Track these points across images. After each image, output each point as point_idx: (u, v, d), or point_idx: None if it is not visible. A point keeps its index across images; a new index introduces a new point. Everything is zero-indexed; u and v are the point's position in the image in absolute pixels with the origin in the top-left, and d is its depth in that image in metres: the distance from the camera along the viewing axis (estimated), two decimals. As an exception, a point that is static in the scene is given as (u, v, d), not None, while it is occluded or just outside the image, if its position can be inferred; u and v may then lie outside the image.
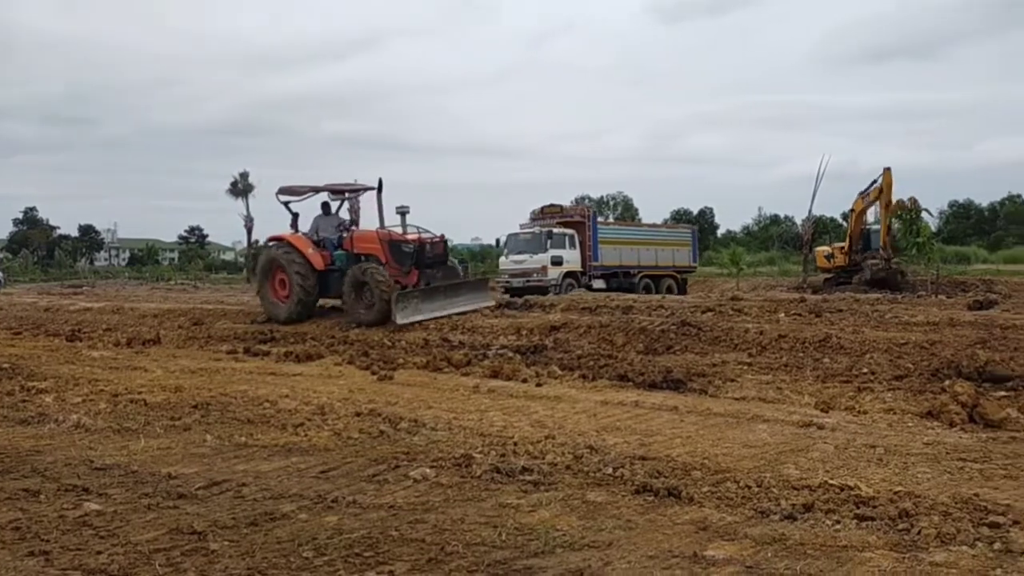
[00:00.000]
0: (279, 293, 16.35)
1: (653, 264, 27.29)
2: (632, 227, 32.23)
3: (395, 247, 15.99)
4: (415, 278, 15.90)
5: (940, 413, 6.35)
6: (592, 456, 5.32)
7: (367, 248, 16.16)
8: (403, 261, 15.85)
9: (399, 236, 16.32)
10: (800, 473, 4.87)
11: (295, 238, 16.80)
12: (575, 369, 9.15)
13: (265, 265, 16.81)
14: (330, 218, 17.33)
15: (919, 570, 3.35)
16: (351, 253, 16.18)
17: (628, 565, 3.48)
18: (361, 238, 16.45)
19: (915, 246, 28.99)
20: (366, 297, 14.92)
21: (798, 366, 8.83)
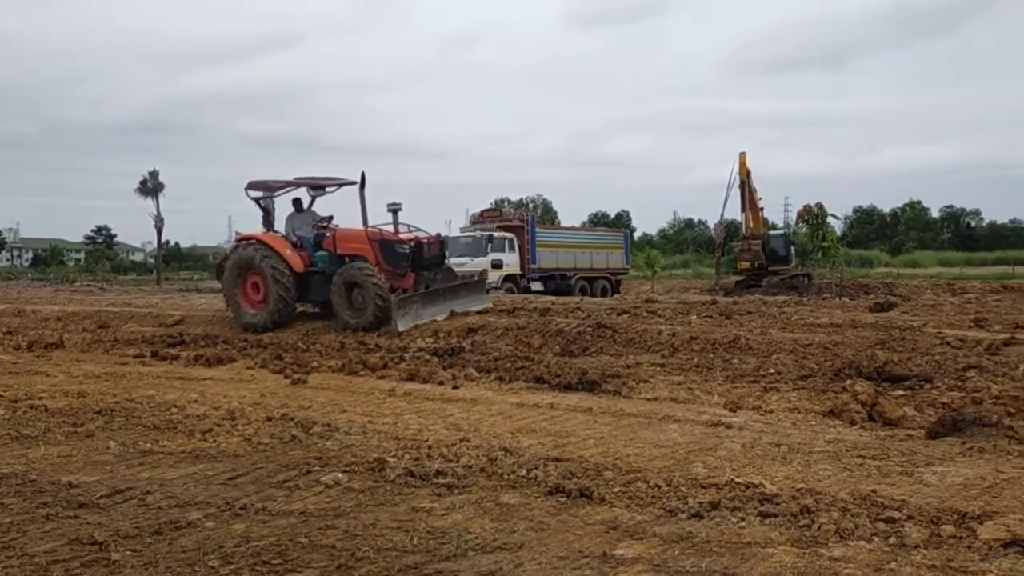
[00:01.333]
0: (251, 298, 15.00)
1: (588, 267, 28.27)
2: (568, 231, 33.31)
3: (387, 247, 14.79)
4: (411, 281, 14.79)
5: (841, 412, 6.58)
6: (506, 458, 5.34)
7: (354, 248, 14.87)
8: (397, 263, 14.67)
9: (392, 235, 15.12)
10: (708, 472, 4.99)
11: (271, 237, 15.45)
12: (492, 371, 9.17)
13: (235, 268, 15.27)
14: (304, 215, 16.01)
15: (818, 565, 3.47)
16: (334, 254, 14.95)
17: (539, 566, 3.51)
18: (347, 237, 15.14)
19: (821, 250, 30.06)
20: (357, 301, 13.94)
21: (708, 367, 9.04)
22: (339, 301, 14.01)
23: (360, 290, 13.88)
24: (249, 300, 15.06)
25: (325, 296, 14.83)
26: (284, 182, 15.86)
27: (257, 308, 14.87)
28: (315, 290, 15.05)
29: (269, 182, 15.90)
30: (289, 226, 15.81)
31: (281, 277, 14.60)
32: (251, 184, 15.88)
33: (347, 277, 14.07)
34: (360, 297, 13.88)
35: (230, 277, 15.34)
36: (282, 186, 15.87)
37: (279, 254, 14.96)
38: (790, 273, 28.53)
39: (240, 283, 15.15)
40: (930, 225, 74.71)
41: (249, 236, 15.81)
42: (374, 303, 13.61)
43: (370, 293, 13.69)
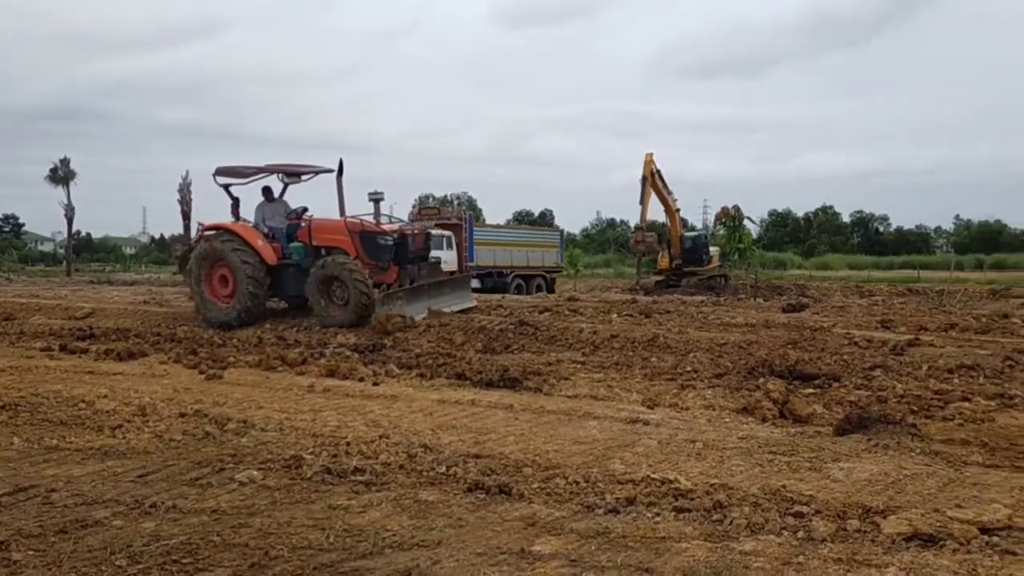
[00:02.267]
0: (219, 292, 14.20)
1: (525, 264, 28.69)
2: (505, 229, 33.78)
3: (369, 239, 14.06)
4: (394, 275, 14.20)
5: (754, 409, 6.75)
6: (426, 455, 5.32)
7: (331, 240, 14.15)
8: (379, 255, 13.98)
9: (373, 227, 14.47)
10: (625, 468, 5.06)
11: (242, 227, 14.53)
12: (413, 368, 9.12)
13: (201, 259, 14.36)
14: (276, 204, 15.19)
15: (729, 559, 3.55)
16: (309, 246, 14.21)
17: (456, 563, 3.51)
18: (324, 228, 14.38)
19: (738, 251, 30.83)
20: (337, 296, 13.26)
21: (628, 365, 9.16)
22: (317, 296, 13.35)
23: (340, 285, 13.22)
24: (216, 294, 14.23)
25: (298, 291, 14.11)
26: (257, 168, 14.95)
27: (225, 303, 14.07)
28: (288, 284, 14.34)
29: (240, 168, 14.98)
30: (259, 216, 14.98)
31: (252, 270, 13.83)
32: (220, 170, 14.90)
33: (327, 271, 13.34)
34: (340, 292, 13.22)
35: (195, 270, 14.45)
36: (254, 173, 14.93)
37: (250, 245, 14.11)
38: (708, 274, 29.17)
39: (206, 276, 14.34)
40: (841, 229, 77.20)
41: (217, 225, 14.85)
42: (356, 299, 12.95)
43: (352, 288, 13.02)
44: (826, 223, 77.33)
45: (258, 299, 13.97)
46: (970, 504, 4.26)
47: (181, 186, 36.11)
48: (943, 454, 5.42)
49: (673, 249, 30.02)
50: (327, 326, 12.74)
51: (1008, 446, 5.55)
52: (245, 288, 13.78)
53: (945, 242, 73.34)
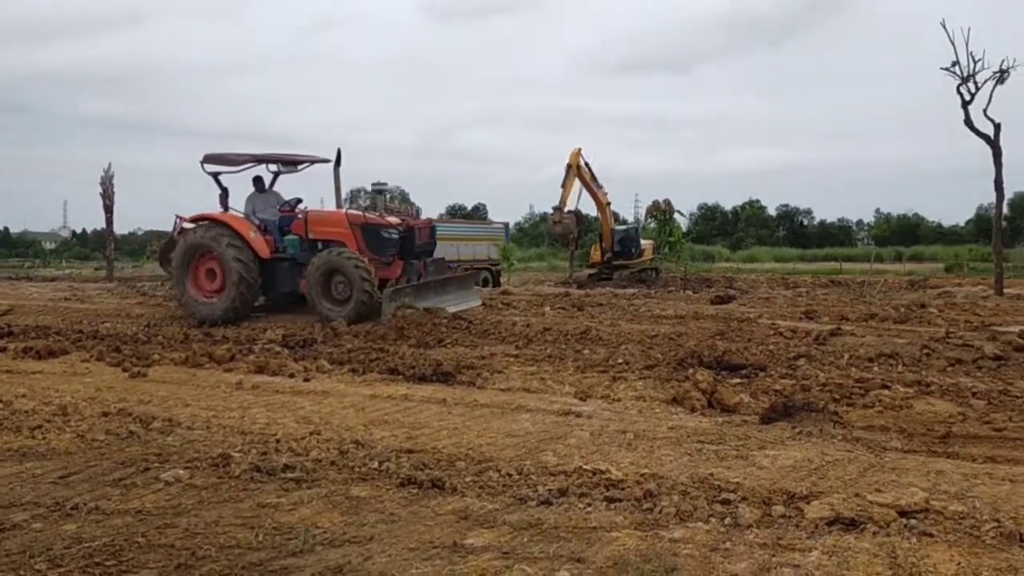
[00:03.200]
0: (206, 287, 13.51)
1: (471, 258, 28.76)
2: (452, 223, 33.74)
3: (372, 232, 13.34)
4: (398, 271, 13.42)
5: (683, 399, 6.86)
6: (358, 451, 5.27)
7: (330, 232, 13.45)
8: (382, 249, 13.25)
9: (377, 219, 13.73)
10: (558, 460, 5.09)
11: (233, 218, 13.76)
12: (345, 363, 9.02)
13: (187, 252, 13.62)
14: (267, 195, 14.49)
15: (659, 547, 3.60)
16: (305, 239, 13.52)
17: (388, 559, 3.49)
18: (322, 220, 13.69)
19: (668, 245, 31.26)
20: (338, 291, 12.64)
21: (561, 357, 9.22)
22: (316, 291, 12.71)
23: (342, 278, 12.62)
24: (202, 289, 13.55)
25: (292, 287, 13.57)
26: (250, 156, 14.16)
27: (213, 298, 13.40)
28: (281, 280, 13.66)
29: (231, 156, 14.15)
30: (248, 207, 14.28)
31: (244, 264, 13.12)
32: (209, 157, 14.02)
33: (329, 264, 12.70)
34: (342, 287, 12.63)
35: (180, 263, 13.68)
36: (246, 161, 14.14)
37: (243, 238, 13.36)
38: (639, 267, 29.53)
39: (192, 270, 13.63)
40: (767, 223, 78.92)
41: (205, 216, 13.99)
42: (360, 294, 12.39)
43: (356, 282, 12.45)
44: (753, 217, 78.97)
45: (249, 294, 13.32)
46: (889, 488, 4.40)
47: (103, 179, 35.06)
48: (864, 440, 5.59)
49: (605, 243, 30.31)
50: (327, 322, 12.13)
51: (925, 431, 5.76)
52: (236, 283, 13.07)
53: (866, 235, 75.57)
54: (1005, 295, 18.07)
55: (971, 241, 52.41)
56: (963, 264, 36.76)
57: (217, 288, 13.40)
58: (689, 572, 3.31)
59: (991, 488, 4.47)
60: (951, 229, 64.99)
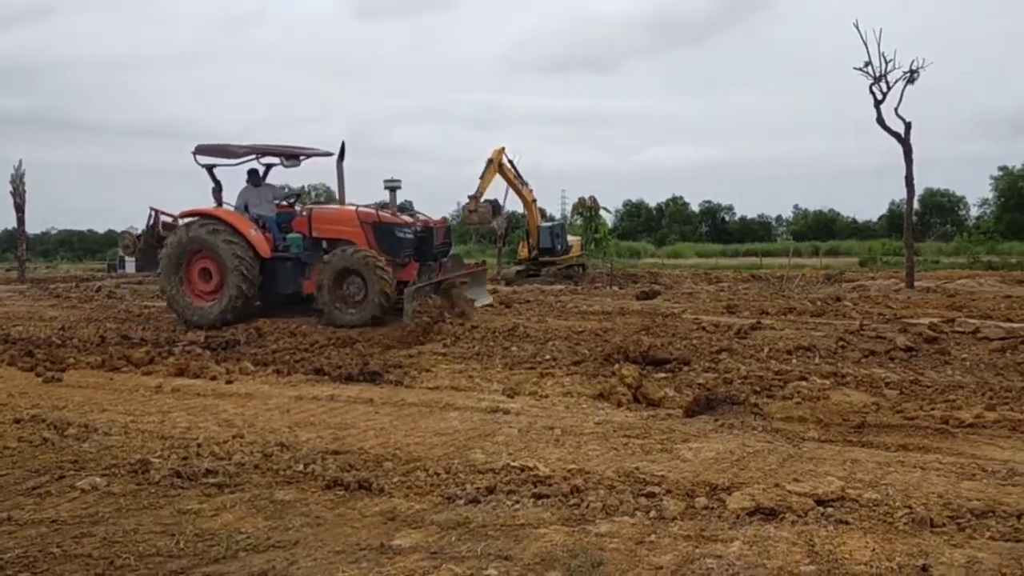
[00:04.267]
0: (200, 288, 12.61)
1: None
2: None
3: (385, 231, 12.48)
4: (414, 272, 12.45)
5: (610, 395, 6.94)
6: (283, 453, 5.19)
7: (338, 231, 12.57)
8: (397, 250, 12.40)
9: (391, 218, 12.86)
10: (486, 457, 5.10)
11: (230, 214, 12.80)
12: (269, 364, 8.87)
13: (180, 250, 12.66)
14: (262, 190, 13.52)
15: (586, 541, 3.64)
16: (308, 237, 12.67)
17: (314, 562, 3.44)
18: (329, 217, 12.80)
19: (594, 241, 31.58)
20: (351, 293, 11.83)
21: (488, 355, 9.23)
22: (327, 293, 11.88)
23: (357, 279, 11.83)
24: (196, 291, 12.63)
25: (293, 288, 12.75)
26: (249, 148, 13.17)
27: (208, 300, 12.50)
28: (282, 280, 12.73)
29: (228, 147, 13.15)
30: (241, 202, 13.33)
31: (245, 263, 12.21)
32: (202, 148, 13.06)
33: (343, 263, 11.87)
34: (356, 288, 11.84)
35: (171, 262, 12.69)
36: (245, 153, 13.14)
37: (242, 235, 12.43)
38: (566, 263, 29.73)
39: (184, 270, 12.67)
40: (690, 219, 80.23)
41: (199, 212, 13.00)
42: (378, 296, 11.61)
43: (373, 284, 11.65)
44: (676, 213, 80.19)
45: (248, 295, 12.39)
46: (807, 478, 4.54)
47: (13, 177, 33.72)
48: (783, 431, 5.74)
49: (532, 239, 30.44)
50: (339, 326, 11.44)
51: (841, 421, 5.94)
52: (235, 284, 12.19)
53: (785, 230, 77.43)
54: (916, 288, 18.75)
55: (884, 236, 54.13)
56: (877, 258, 37.98)
57: (213, 289, 12.53)
58: (615, 566, 3.35)
59: (903, 475, 4.64)
60: (865, 224, 67.02)
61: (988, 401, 6.53)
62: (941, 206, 62.85)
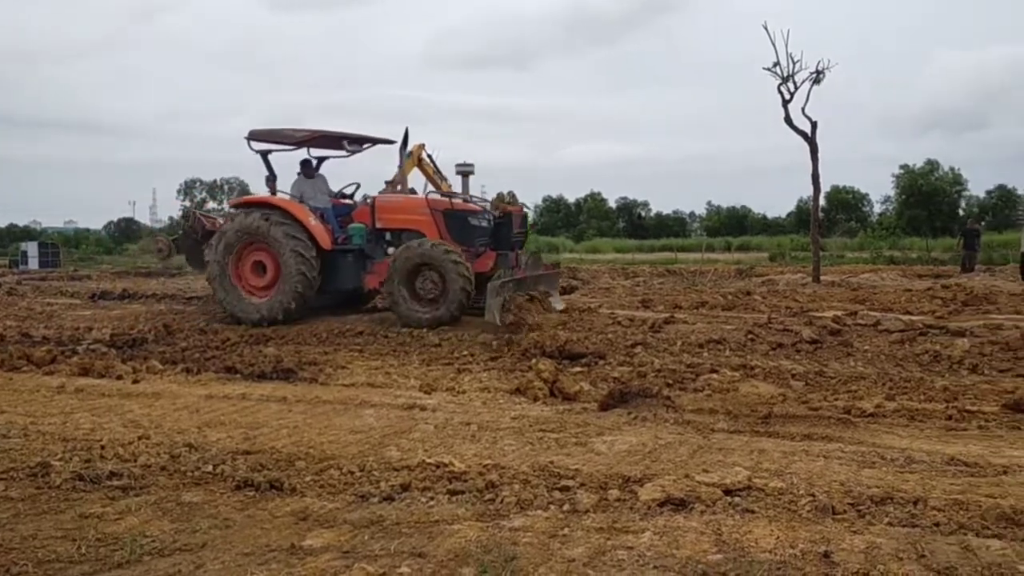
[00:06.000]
0: (252, 283, 11.83)
1: None
2: None
3: (457, 219, 11.62)
4: (490, 263, 11.62)
5: (526, 389, 6.98)
6: (191, 454, 5.05)
7: (405, 220, 11.75)
8: (471, 239, 11.54)
9: (464, 204, 12.07)
10: (401, 454, 5.07)
11: (288, 203, 11.96)
12: (178, 363, 8.63)
13: (232, 242, 11.85)
14: (316, 180, 12.78)
15: (500, 536, 3.65)
16: (371, 228, 11.90)
17: (222, 565, 3.37)
18: (395, 206, 11.99)
19: (514, 236, 31.61)
20: (425, 288, 11.04)
21: (405, 351, 9.18)
22: (398, 289, 11.05)
23: (431, 274, 11.03)
24: (248, 285, 11.84)
25: (354, 283, 12.02)
26: (310, 133, 12.25)
27: (261, 296, 11.71)
28: (343, 274, 11.94)
29: (285, 132, 12.29)
30: (296, 193, 12.48)
31: (306, 256, 11.43)
32: (256, 134, 12.27)
33: (416, 256, 11.04)
34: (431, 284, 11.04)
35: (220, 254, 11.87)
36: (306, 139, 12.28)
37: (303, 225, 11.60)
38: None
39: (234, 262, 11.86)
40: (608, 214, 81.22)
41: (255, 200, 12.31)
42: (458, 292, 10.80)
43: (452, 279, 10.84)
44: (594, 209, 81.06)
45: (308, 290, 11.56)
46: (716, 468, 4.65)
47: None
48: (694, 423, 5.88)
49: (451, 234, 30.41)
50: (412, 326, 10.71)
51: (749, 413, 6.11)
52: (295, 277, 11.40)
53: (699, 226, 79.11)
54: (821, 282, 19.40)
55: (793, 232, 55.86)
56: (785, 253, 39.18)
57: (268, 283, 11.76)
58: (528, 560, 3.38)
59: (807, 464, 4.79)
60: (775, 220, 69.00)
61: (888, 391, 6.81)
62: (846, 203, 65.11)
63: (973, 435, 5.53)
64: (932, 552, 3.38)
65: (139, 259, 39.06)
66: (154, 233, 60.71)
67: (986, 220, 52.20)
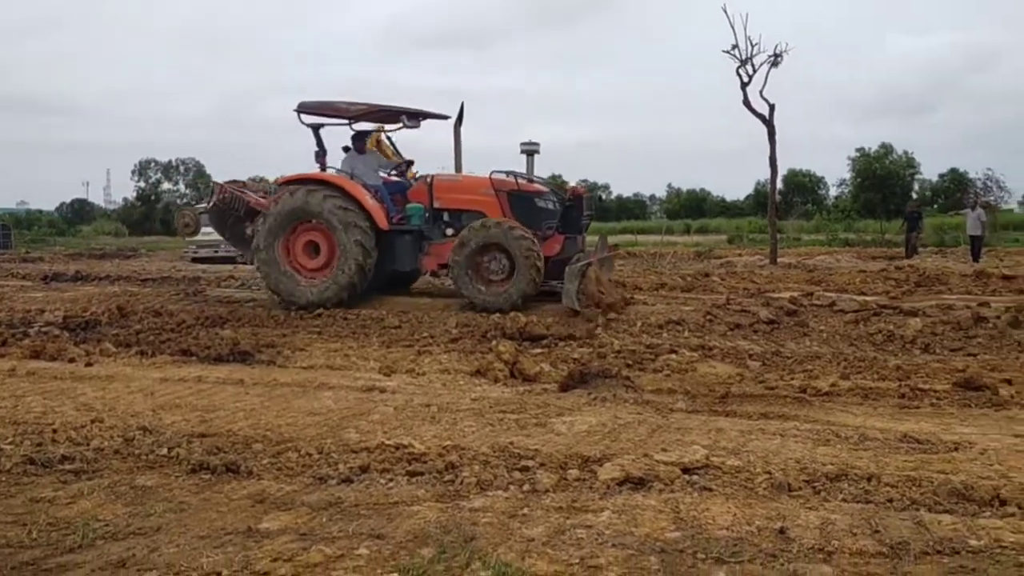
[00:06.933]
0: (303, 264, 11.33)
1: None
2: None
3: (523, 201, 11.18)
4: (557, 247, 11.16)
5: (487, 371, 6.98)
6: (145, 438, 4.98)
7: (466, 200, 11.36)
8: (538, 221, 11.05)
9: (529, 185, 11.46)
10: (360, 436, 5.04)
11: (343, 180, 11.39)
12: (133, 345, 8.47)
13: (283, 221, 11.30)
14: (368, 157, 12.23)
15: (459, 517, 3.65)
16: (429, 208, 11.46)
17: (176, 549, 3.32)
18: (454, 186, 11.54)
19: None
20: (491, 270, 10.70)
21: (365, 333, 9.12)
22: (462, 272, 10.69)
23: (498, 256, 10.67)
24: (299, 266, 11.33)
25: (411, 264, 11.59)
26: (365, 107, 11.66)
27: (313, 277, 11.21)
28: (400, 255, 11.46)
29: (338, 104, 11.67)
30: (347, 170, 11.90)
31: (364, 236, 10.95)
32: (306, 106, 11.66)
33: (482, 238, 10.67)
34: (498, 266, 10.69)
35: (270, 234, 11.30)
36: (362, 112, 11.73)
37: (360, 203, 11.08)
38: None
39: (283, 243, 11.33)
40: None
41: (305, 177, 11.65)
42: (529, 271, 10.44)
43: (521, 261, 10.47)
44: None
45: (365, 272, 11.04)
46: (674, 447, 4.68)
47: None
48: (653, 403, 5.92)
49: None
50: (482, 310, 10.34)
51: (707, 392, 6.17)
52: (353, 259, 10.89)
53: (659, 208, 79.51)
54: (778, 264, 19.64)
55: (751, 214, 56.40)
56: (743, 236, 39.60)
57: (321, 264, 11.25)
58: (487, 540, 3.37)
59: (764, 443, 4.85)
60: (733, 203, 69.54)
61: (842, 370, 6.91)
62: (803, 186, 65.81)
63: (925, 413, 5.65)
64: (885, 527, 3.45)
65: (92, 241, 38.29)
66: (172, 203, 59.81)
67: (938, 203, 53.18)
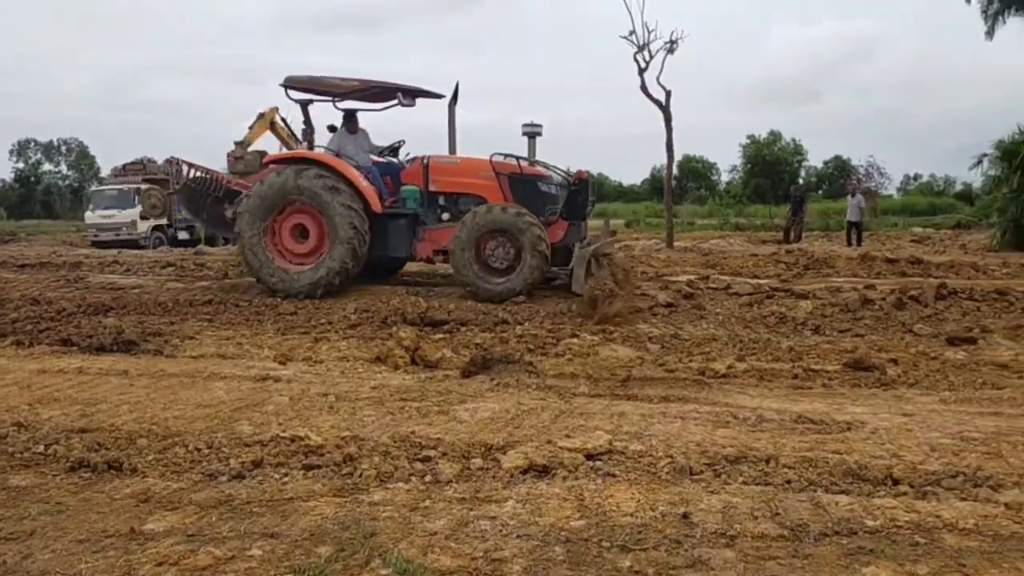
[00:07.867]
0: (292, 249, 10.67)
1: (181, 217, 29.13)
2: None
3: (525, 185, 10.69)
4: (561, 232, 10.73)
5: (387, 358, 6.83)
6: (20, 434, 4.65)
7: (463, 184, 10.85)
8: (540, 206, 10.56)
9: (532, 168, 10.90)
10: (253, 429, 4.83)
11: (334, 160, 10.75)
12: (8, 335, 7.97)
13: (269, 203, 10.59)
14: (359, 136, 11.52)
15: (359, 511, 3.52)
16: (424, 190, 10.88)
17: (53, 554, 3.08)
18: (450, 168, 10.96)
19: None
20: (496, 256, 10.19)
21: (259, 320, 8.82)
22: (464, 258, 10.17)
23: (503, 241, 10.19)
24: (286, 252, 10.69)
25: (405, 251, 10.96)
26: (359, 83, 11.05)
27: (304, 263, 10.58)
28: (394, 240, 10.88)
29: (330, 80, 11.03)
30: (335, 148, 11.24)
31: (357, 219, 10.34)
32: (293, 81, 11.02)
33: (486, 222, 10.17)
34: (502, 252, 10.20)
35: (255, 216, 10.61)
36: (355, 88, 11.10)
37: (353, 184, 10.49)
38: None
39: (270, 226, 10.67)
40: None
41: (292, 156, 11.10)
42: (536, 257, 10.00)
43: (528, 246, 10.01)
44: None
45: (358, 258, 10.46)
46: (578, 433, 4.65)
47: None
48: (555, 387, 5.88)
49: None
50: (484, 299, 9.89)
51: (609, 376, 6.18)
52: (345, 244, 10.33)
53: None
54: (675, 248, 20.02)
55: (647, 199, 57.49)
56: (640, 220, 40.31)
57: (310, 249, 10.66)
58: (388, 535, 3.26)
59: (665, 426, 4.87)
60: (631, 188, 70.77)
61: (739, 352, 7.05)
62: (697, 171, 67.53)
63: (818, 393, 5.79)
64: (785, 510, 3.48)
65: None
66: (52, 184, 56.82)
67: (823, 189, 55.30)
